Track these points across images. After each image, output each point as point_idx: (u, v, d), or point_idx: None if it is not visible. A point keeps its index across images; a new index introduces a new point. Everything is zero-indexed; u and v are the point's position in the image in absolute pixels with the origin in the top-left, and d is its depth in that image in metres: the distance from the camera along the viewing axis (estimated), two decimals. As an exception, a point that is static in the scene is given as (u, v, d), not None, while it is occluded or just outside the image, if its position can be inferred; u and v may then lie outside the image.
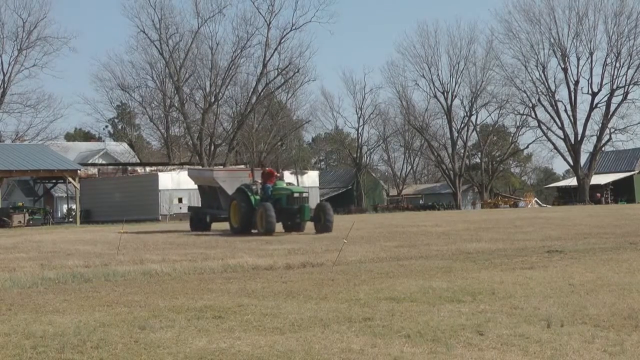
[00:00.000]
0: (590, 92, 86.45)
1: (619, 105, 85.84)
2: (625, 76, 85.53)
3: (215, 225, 34.27)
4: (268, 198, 29.27)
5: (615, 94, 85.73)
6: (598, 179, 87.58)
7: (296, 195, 29.43)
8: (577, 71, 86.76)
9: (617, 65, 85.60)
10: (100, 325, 9.21)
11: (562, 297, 10.66)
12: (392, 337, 8.20)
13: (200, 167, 47.14)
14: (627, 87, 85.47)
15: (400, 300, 10.68)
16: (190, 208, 37.80)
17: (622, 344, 7.70)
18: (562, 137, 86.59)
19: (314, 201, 64.90)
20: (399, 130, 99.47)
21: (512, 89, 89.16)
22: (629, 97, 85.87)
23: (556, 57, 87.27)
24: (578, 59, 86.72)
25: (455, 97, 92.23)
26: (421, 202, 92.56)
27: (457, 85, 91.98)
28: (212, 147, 72.91)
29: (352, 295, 11.29)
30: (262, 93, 76.98)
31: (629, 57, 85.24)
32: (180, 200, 58.10)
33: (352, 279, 13.40)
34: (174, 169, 65.22)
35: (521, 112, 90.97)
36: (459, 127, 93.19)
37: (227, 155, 72.38)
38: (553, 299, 10.56)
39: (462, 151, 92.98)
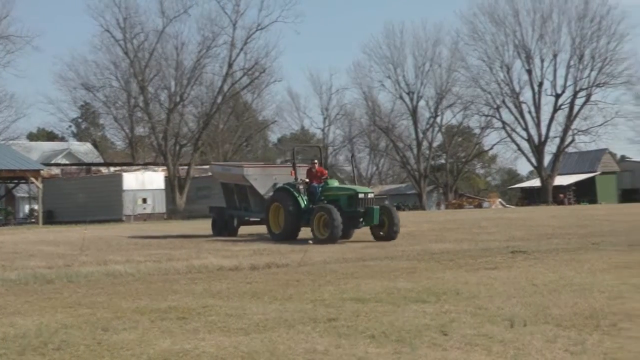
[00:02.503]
0: (553, 93, 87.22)
1: (582, 107, 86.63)
2: (588, 78, 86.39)
3: (245, 229, 30.53)
4: (316, 199, 25.43)
5: (579, 95, 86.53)
6: (561, 180, 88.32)
7: (361, 196, 24.88)
8: (541, 73, 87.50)
9: (581, 67, 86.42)
10: (62, 326, 9.13)
11: (525, 297, 10.73)
12: (357, 338, 8.21)
13: (225, 163, 43.62)
14: (590, 89, 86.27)
15: (365, 301, 10.69)
16: (212, 209, 32.37)
17: (584, 344, 7.77)
18: (526, 138, 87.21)
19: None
20: (364, 131, 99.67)
21: (477, 91, 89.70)
22: (591, 99, 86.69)
23: (520, 58, 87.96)
24: (542, 61, 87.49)
25: (421, 98, 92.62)
26: (386, 202, 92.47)
27: (422, 86, 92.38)
28: (177, 147, 72.53)
29: (317, 296, 11.29)
30: (227, 93, 76.70)
31: (592, 59, 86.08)
32: (144, 200, 57.78)
33: (317, 280, 13.41)
34: (138, 169, 64.85)
35: (486, 113, 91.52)
36: (424, 128, 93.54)
37: (193, 156, 71.98)
38: (516, 299, 10.63)
39: (427, 152, 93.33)
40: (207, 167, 77.14)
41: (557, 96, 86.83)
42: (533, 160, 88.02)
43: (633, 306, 9.88)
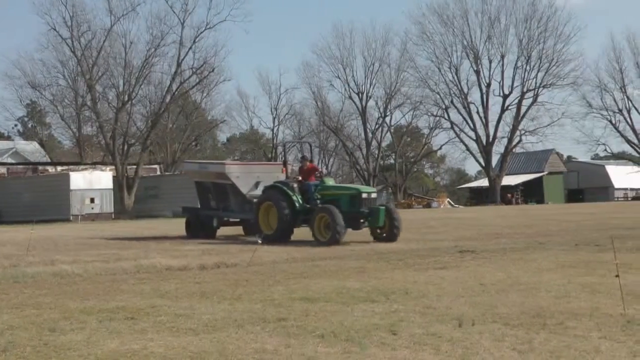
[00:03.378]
0: (501, 94, 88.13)
1: (529, 107, 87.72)
2: (535, 79, 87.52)
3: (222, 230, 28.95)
4: (310, 199, 23.90)
5: (526, 96, 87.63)
6: (509, 180, 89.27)
7: (365, 195, 23.38)
8: (489, 74, 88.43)
9: (528, 68, 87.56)
10: (8, 327, 9.00)
11: (473, 297, 10.81)
12: (306, 337, 8.20)
13: (203, 161, 41.53)
14: (537, 89, 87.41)
15: (315, 301, 10.69)
16: (186, 209, 30.58)
17: (531, 342, 7.84)
18: (474, 138, 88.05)
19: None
20: (313, 131, 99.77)
21: (426, 91, 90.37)
22: (539, 99, 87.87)
23: (469, 59, 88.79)
24: (490, 62, 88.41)
25: (370, 98, 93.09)
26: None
27: (371, 87, 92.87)
28: (126, 147, 71.89)
29: (267, 296, 11.27)
30: (176, 92, 76.24)
31: (539, 60, 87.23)
32: (92, 200, 57.21)
33: (266, 280, 13.38)
34: (86, 169, 64.16)
35: (434, 113, 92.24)
36: (373, 128, 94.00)
37: (141, 155, 71.41)
38: (465, 298, 10.70)
39: (377, 152, 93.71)
40: (155, 166, 76.87)
41: (505, 97, 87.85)
42: (481, 160, 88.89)
43: (579, 305, 10.01)
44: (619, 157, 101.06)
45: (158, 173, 75.64)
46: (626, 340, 7.96)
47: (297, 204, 23.74)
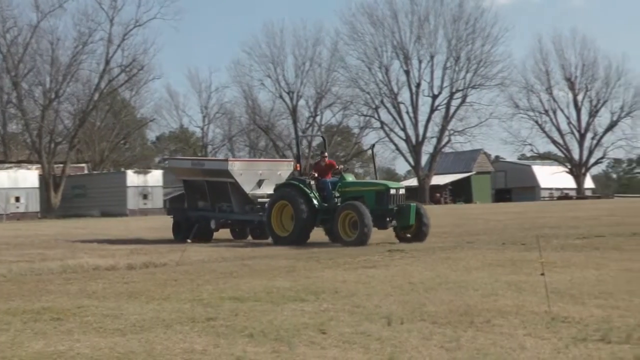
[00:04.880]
0: (431, 94, 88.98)
1: (458, 108, 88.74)
2: (464, 80, 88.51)
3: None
4: (328, 197, 22.37)
5: (455, 97, 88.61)
6: (438, 180, 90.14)
7: (393, 192, 21.93)
8: (419, 74, 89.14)
9: (457, 69, 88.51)
10: None
11: (402, 296, 10.88)
12: (235, 337, 8.17)
13: (197, 157, 38.02)
14: (465, 90, 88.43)
15: (244, 300, 10.66)
16: (173, 210, 28.46)
17: (458, 340, 7.92)
18: (404, 138, 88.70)
19: (158, 201, 64.33)
20: (244, 130, 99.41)
21: (356, 91, 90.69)
22: (467, 100, 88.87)
23: (399, 59, 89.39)
24: (420, 62, 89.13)
25: (301, 97, 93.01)
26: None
27: (302, 86, 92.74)
28: (52, 145, 70.78)
29: (196, 295, 11.20)
30: (104, 90, 75.41)
31: (468, 61, 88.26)
32: (17, 199, 56.26)
33: (195, 279, 13.29)
34: (11, 167, 63.02)
35: (365, 113, 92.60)
36: (303, 127, 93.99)
37: (68, 154, 70.40)
38: (394, 297, 10.76)
39: (307, 151, 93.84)
40: (83, 165, 75.82)
41: (434, 97, 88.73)
42: (411, 160, 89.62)
43: (505, 303, 10.14)
44: (545, 158, 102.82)
45: (86, 172, 74.71)
46: (550, 337, 8.09)
47: (315, 203, 22.13)
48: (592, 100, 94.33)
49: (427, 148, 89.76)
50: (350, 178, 23.17)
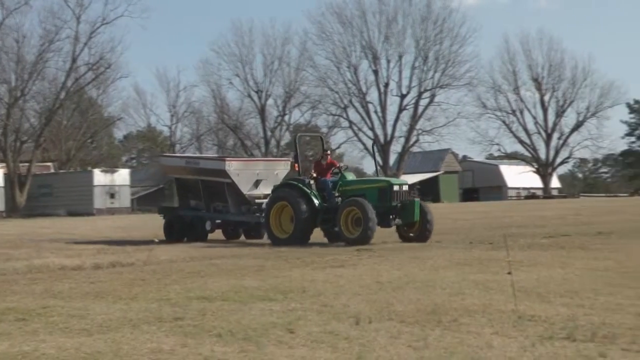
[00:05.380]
0: (399, 94, 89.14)
1: (426, 107, 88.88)
2: (432, 79, 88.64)
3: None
4: (329, 197, 21.74)
5: (423, 96, 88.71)
6: (406, 179, 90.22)
7: (396, 188, 21.41)
8: (387, 74, 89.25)
9: (425, 68, 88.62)
10: None
11: (370, 295, 10.90)
12: (203, 337, 8.14)
13: (192, 155, 36.27)
14: (433, 90, 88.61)
15: (212, 300, 10.63)
16: (164, 210, 27.31)
17: (426, 339, 7.95)
18: (372, 138, 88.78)
19: (126, 200, 64.06)
20: (212, 129, 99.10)
21: (325, 90, 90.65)
22: (435, 100, 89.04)
23: (367, 59, 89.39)
24: (388, 62, 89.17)
25: (269, 96, 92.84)
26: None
27: (271, 85, 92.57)
28: (18, 144, 70.18)
29: (163, 295, 11.15)
30: (71, 89, 74.84)
31: (436, 61, 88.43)
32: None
33: (163, 279, 13.23)
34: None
35: (333, 112, 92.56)
36: (272, 127, 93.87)
37: (34, 153, 69.83)
38: (362, 296, 10.78)
39: (275, 150, 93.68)
40: (49, 164, 75.18)
41: (403, 97, 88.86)
42: (379, 159, 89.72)
43: (472, 302, 10.19)
44: (512, 157, 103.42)
45: (52, 171, 74.13)
46: (517, 335, 8.15)
47: (316, 203, 21.53)
48: (559, 101, 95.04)
49: (396, 147, 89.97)
50: (350, 177, 22.66)
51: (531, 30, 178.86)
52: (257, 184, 24.91)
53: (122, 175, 64.94)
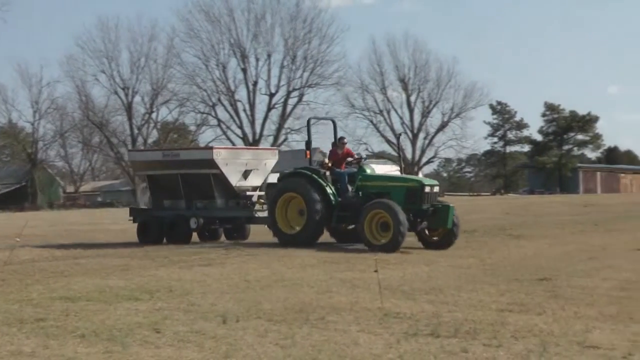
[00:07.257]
0: (268, 93, 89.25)
1: (295, 106, 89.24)
2: (301, 79, 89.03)
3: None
4: (343, 191, 19.06)
5: (292, 95, 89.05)
6: (273, 178, 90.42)
7: (427, 189, 18.37)
8: (256, 72, 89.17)
9: (294, 67, 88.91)
10: None
11: (238, 293, 10.88)
12: (66, 338, 7.96)
13: (169, 148, 31.76)
14: (302, 89, 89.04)
15: (76, 300, 10.40)
16: (135, 211, 24.32)
17: (293, 337, 7.98)
18: (241, 136, 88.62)
19: None
20: (77, 126, 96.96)
21: (193, 88, 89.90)
22: (304, 99, 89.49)
23: (236, 57, 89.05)
24: (257, 60, 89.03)
25: (136, 93, 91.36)
26: (99, 199, 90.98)
27: (138, 82, 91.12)
28: None
29: (24, 296, 10.83)
30: None
31: (305, 60, 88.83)
32: None
33: (24, 279, 12.86)
34: None
35: (202, 110, 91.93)
36: (139, 124, 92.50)
37: None
38: (229, 295, 10.75)
39: (142, 148, 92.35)
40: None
41: (271, 95, 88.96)
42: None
43: (340, 300, 10.30)
44: (380, 157, 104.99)
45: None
46: (383, 332, 8.28)
47: (332, 198, 18.80)
48: (425, 101, 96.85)
49: (264, 146, 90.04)
50: (369, 170, 19.88)
51: (397, 32, 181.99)
52: (246, 174, 22.74)
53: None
